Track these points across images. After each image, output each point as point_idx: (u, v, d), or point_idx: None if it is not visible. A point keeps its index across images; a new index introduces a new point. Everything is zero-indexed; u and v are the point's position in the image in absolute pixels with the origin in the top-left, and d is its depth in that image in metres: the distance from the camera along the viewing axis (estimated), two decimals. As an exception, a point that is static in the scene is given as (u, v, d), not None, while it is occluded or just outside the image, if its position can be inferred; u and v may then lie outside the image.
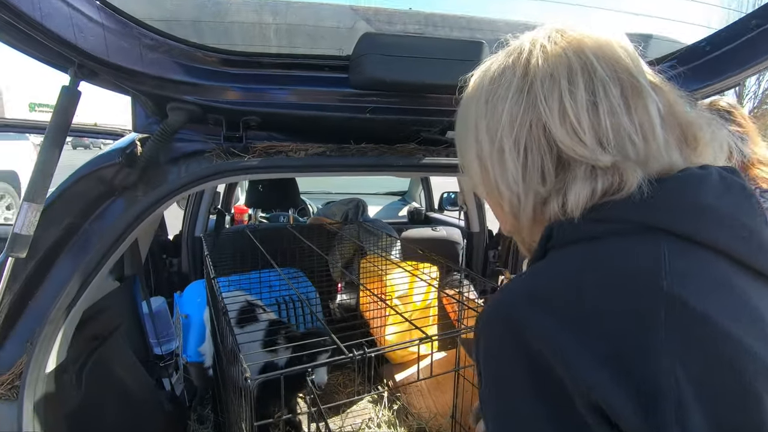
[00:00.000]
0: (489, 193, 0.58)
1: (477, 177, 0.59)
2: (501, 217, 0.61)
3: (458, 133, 0.63)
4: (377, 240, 2.34)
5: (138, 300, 1.50)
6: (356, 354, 0.82)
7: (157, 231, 2.47)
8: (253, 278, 1.96)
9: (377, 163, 0.91)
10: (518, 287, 0.53)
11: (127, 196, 0.87)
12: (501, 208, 0.58)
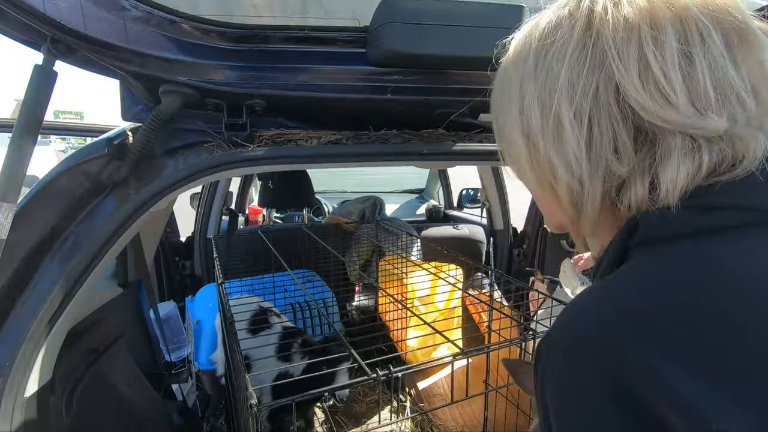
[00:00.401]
0: (539, 178, 0.47)
1: (523, 159, 0.48)
2: (551, 208, 0.50)
3: (497, 107, 0.51)
4: (396, 239, 2.21)
5: (144, 306, 1.41)
6: (380, 374, 0.70)
7: (169, 232, 2.40)
8: (266, 281, 1.86)
9: (401, 151, 0.78)
10: (600, 303, 0.39)
11: (117, 193, 0.77)
12: (554, 197, 0.47)
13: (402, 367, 0.71)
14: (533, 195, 0.54)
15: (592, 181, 0.43)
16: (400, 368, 0.71)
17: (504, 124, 0.49)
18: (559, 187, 0.46)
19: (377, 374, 0.70)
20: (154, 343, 1.53)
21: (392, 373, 0.70)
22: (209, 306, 1.89)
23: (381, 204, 2.49)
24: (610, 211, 0.45)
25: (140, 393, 1.16)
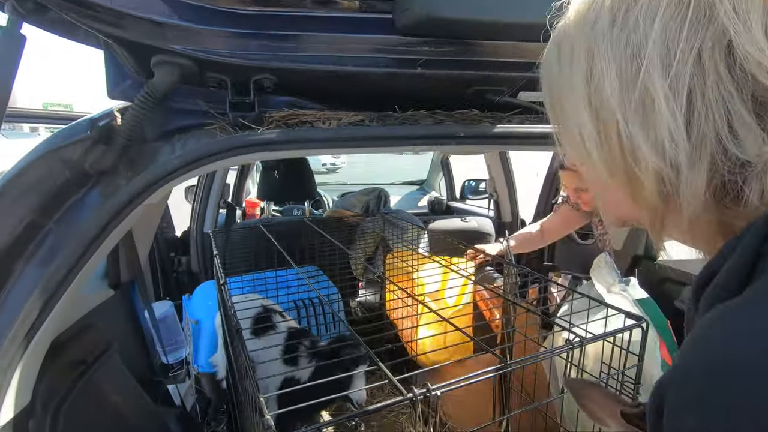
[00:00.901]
0: (610, 164, 0.39)
1: (588, 141, 0.39)
2: (618, 200, 0.42)
3: (552, 79, 0.43)
4: (402, 233, 2.11)
5: (138, 308, 1.30)
6: (417, 394, 0.60)
7: (163, 227, 2.28)
8: (269, 278, 1.75)
9: (436, 134, 0.67)
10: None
11: (104, 183, 0.65)
12: (629, 186, 0.39)
13: (440, 385, 0.61)
14: (593, 184, 0.46)
15: (694, 168, 0.34)
16: (438, 386, 0.61)
17: (563, 100, 0.41)
18: (644, 175, 0.37)
19: (414, 393, 0.60)
20: (150, 346, 1.42)
21: (430, 392, 0.60)
22: (208, 305, 1.78)
23: (386, 196, 2.39)
24: (713, 204, 0.36)
25: (136, 404, 1.05)
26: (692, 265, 1.31)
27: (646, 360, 0.85)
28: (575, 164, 0.48)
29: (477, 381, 0.65)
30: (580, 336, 0.76)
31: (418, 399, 0.59)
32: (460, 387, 0.63)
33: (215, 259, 1.27)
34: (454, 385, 0.63)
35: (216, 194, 2.26)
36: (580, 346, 0.75)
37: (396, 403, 0.59)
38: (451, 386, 0.63)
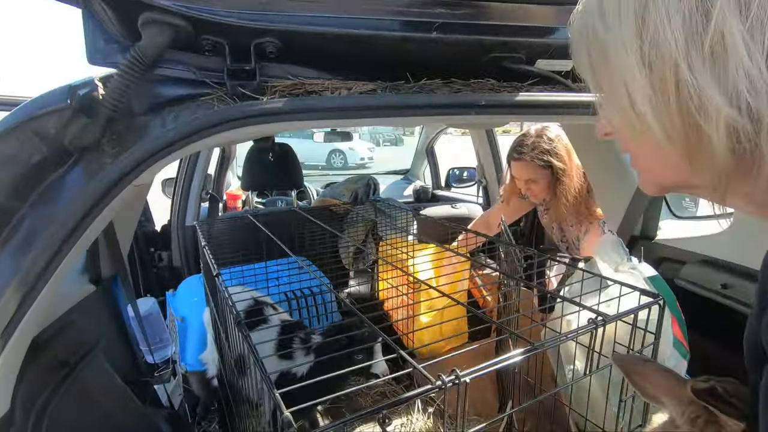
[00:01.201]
0: (667, 122, 0.35)
1: (640, 98, 0.36)
2: (672, 163, 0.38)
3: (593, 38, 0.40)
4: (393, 221, 2.06)
5: (121, 304, 1.22)
6: (446, 381, 0.55)
7: (142, 220, 2.16)
8: (258, 270, 1.68)
9: (455, 102, 0.62)
10: None
11: (87, 161, 0.58)
12: (692, 146, 0.35)
13: (469, 371, 0.57)
14: (637, 149, 0.43)
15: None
16: (467, 372, 0.57)
17: (608, 61, 0.38)
18: (714, 130, 0.33)
19: (443, 381, 0.55)
20: (134, 345, 1.33)
21: (460, 379, 0.56)
22: (194, 300, 1.69)
23: (375, 184, 2.33)
24: None
25: (124, 406, 0.98)
26: (691, 243, 1.31)
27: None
28: (613, 132, 0.45)
29: (501, 366, 0.61)
30: (603, 315, 0.73)
31: (447, 387, 0.55)
32: (485, 372, 0.59)
33: (205, 250, 1.19)
34: (483, 370, 0.59)
35: (197, 185, 2.16)
36: (603, 325, 0.72)
37: (426, 392, 0.54)
38: (479, 372, 0.59)
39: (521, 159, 1.72)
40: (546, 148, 1.67)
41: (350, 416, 0.50)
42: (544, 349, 0.65)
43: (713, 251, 1.21)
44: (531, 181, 1.76)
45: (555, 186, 1.71)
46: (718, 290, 1.12)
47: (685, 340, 0.98)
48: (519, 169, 1.76)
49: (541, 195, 1.80)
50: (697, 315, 1.14)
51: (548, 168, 1.68)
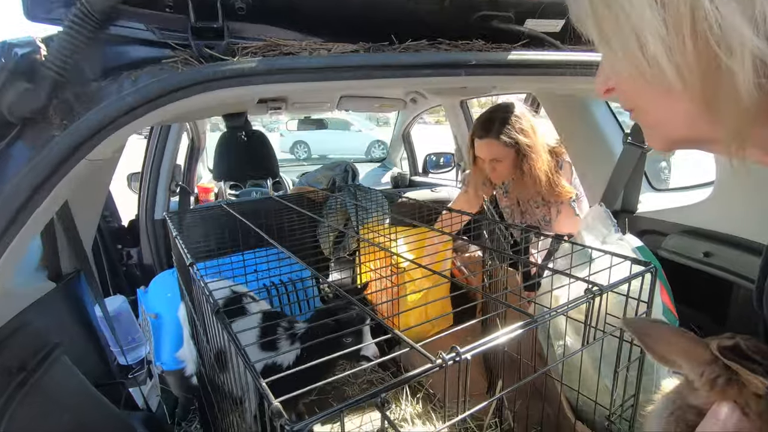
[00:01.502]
0: (685, 66, 0.33)
1: (655, 43, 0.33)
2: (682, 116, 0.36)
3: None
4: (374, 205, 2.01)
5: (87, 303, 1.13)
6: (446, 359, 0.52)
7: (106, 215, 2.04)
8: (235, 262, 1.60)
9: (444, 62, 0.57)
10: None
11: (31, 134, 0.50)
12: (711, 89, 0.33)
13: (468, 347, 0.53)
14: (647, 103, 0.40)
15: None
16: (467, 349, 0.53)
17: (613, 5, 0.34)
18: (739, 64, 0.30)
19: (443, 359, 0.51)
20: (104, 346, 1.25)
21: (460, 356, 0.52)
22: (168, 296, 1.61)
23: (353, 169, 2.27)
24: None
25: (96, 410, 0.90)
26: (672, 214, 1.32)
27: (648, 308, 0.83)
28: (616, 87, 0.41)
29: (501, 342, 0.57)
30: (598, 285, 0.71)
31: (448, 364, 0.51)
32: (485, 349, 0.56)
33: (177, 240, 1.12)
34: (482, 346, 0.55)
35: (166, 176, 2.05)
36: (599, 294, 0.70)
37: (427, 371, 0.50)
38: (479, 348, 0.55)
39: (486, 137, 1.65)
40: (512, 126, 1.61)
41: (350, 401, 0.45)
42: (543, 321, 0.62)
43: (694, 221, 1.22)
44: (496, 161, 1.69)
45: (521, 165, 1.65)
46: (701, 259, 1.14)
47: (673, 307, 0.98)
48: (484, 148, 1.69)
49: (506, 175, 1.74)
50: (681, 284, 1.15)
51: (514, 146, 1.62)
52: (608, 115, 1.49)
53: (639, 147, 1.33)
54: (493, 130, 1.63)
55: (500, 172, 1.71)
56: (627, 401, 0.88)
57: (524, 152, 1.61)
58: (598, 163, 1.49)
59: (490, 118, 1.66)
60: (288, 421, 0.42)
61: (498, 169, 1.70)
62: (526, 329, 0.60)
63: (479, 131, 1.68)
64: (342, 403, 0.47)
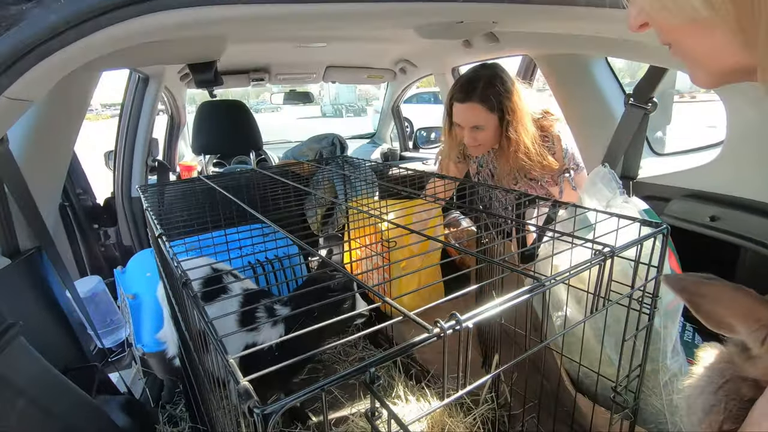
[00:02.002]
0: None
1: None
2: (723, 48, 0.33)
3: None
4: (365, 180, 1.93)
5: (52, 283, 1.04)
6: (445, 327, 0.44)
7: (79, 193, 1.92)
8: (217, 238, 1.52)
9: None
10: None
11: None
12: (752, 18, 0.30)
13: (469, 314, 0.46)
14: (686, 36, 0.36)
15: None
16: (468, 316, 0.46)
17: None
18: None
19: (441, 327, 0.44)
20: (77, 330, 1.16)
21: (461, 324, 0.45)
22: (147, 276, 1.52)
23: (341, 142, 2.17)
24: None
25: (62, 396, 0.83)
26: (675, 179, 1.26)
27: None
28: (648, 20, 0.36)
29: (509, 305, 0.51)
30: (610, 246, 0.64)
31: (447, 333, 0.44)
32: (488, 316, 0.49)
33: (147, 213, 1.03)
34: (483, 313, 0.48)
35: (141, 151, 1.93)
36: (612, 256, 0.63)
37: (424, 342, 0.43)
38: (480, 315, 0.48)
39: (468, 100, 1.46)
40: (498, 87, 1.43)
41: (332, 377, 0.38)
42: (552, 285, 0.55)
43: (699, 184, 1.16)
44: (477, 129, 1.50)
45: (506, 133, 1.47)
46: (707, 223, 1.08)
47: (679, 270, 0.92)
48: (464, 114, 1.49)
49: (487, 146, 1.57)
50: (685, 250, 1.09)
51: (499, 112, 1.45)
52: (609, 76, 1.41)
53: (641, 108, 1.26)
54: (476, 92, 1.44)
55: (481, 141, 1.53)
56: (633, 372, 0.83)
57: (509, 119, 1.44)
58: (597, 126, 1.42)
59: (472, 78, 1.47)
60: (257, 403, 0.35)
61: (479, 139, 1.53)
62: (533, 294, 0.53)
63: (459, 93, 1.49)
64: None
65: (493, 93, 1.44)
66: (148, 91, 1.87)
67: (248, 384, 0.37)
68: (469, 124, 1.51)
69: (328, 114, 21.22)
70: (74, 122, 1.04)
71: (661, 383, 0.86)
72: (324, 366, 1.68)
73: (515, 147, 1.46)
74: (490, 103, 1.44)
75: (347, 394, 1.46)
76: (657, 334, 0.87)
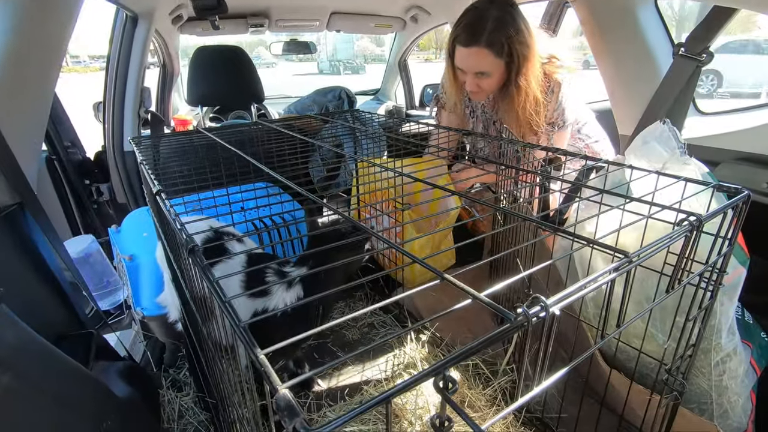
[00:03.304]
0: None
1: None
2: None
3: None
4: (376, 134, 1.79)
5: (38, 243, 0.93)
6: (530, 314, 0.35)
7: (67, 146, 1.78)
8: (218, 197, 1.40)
9: None
10: None
11: None
12: None
13: (558, 297, 0.37)
14: None
15: None
16: (556, 299, 0.36)
17: None
18: None
19: (525, 314, 0.34)
20: (70, 293, 1.07)
21: (548, 308, 0.35)
22: (143, 236, 1.42)
23: (349, 95, 2.00)
24: None
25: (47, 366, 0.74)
26: (725, 140, 1.14)
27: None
28: None
29: (597, 286, 0.41)
30: (696, 214, 0.54)
31: (532, 321, 0.34)
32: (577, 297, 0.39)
33: (142, 167, 0.91)
34: (574, 295, 0.39)
35: (132, 101, 1.77)
36: (698, 226, 0.53)
37: (506, 332, 0.33)
38: (568, 298, 0.38)
39: (474, 44, 1.27)
40: (508, 30, 1.25)
41: (406, 380, 0.29)
42: (640, 261, 0.45)
43: (754, 147, 1.05)
44: (482, 75, 1.33)
45: (515, 81, 1.30)
46: (764, 190, 0.98)
47: (746, 246, 0.83)
48: (469, 59, 1.31)
49: (490, 92, 1.41)
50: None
51: (507, 57, 1.28)
52: (657, 23, 1.25)
53: (694, 60, 1.12)
54: (483, 35, 1.25)
55: (485, 88, 1.37)
56: (687, 352, 0.75)
57: (521, 65, 1.27)
58: (639, 81, 1.28)
59: (479, 17, 1.26)
60: (305, 424, 0.25)
61: (482, 85, 1.35)
62: (620, 273, 0.43)
63: (465, 35, 1.29)
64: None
65: (503, 36, 1.25)
66: (137, 34, 1.69)
67: (289, 393, 0.27)
68: (474, 69, 1.33)
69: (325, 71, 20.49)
70: (54, 59, 0.89)
71: (711, 363, 0.79)
72: (332, 331, 1.62)
73: (524, 97, 1.30)
74: (499, 47, 1.26)
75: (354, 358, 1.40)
76: (713, 311, 0.79)
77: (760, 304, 0.93)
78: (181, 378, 1.40)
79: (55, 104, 1.76)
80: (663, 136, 0.85)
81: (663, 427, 0.80)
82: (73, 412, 0.75)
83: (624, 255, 0.45)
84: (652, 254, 0.47)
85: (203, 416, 1.20)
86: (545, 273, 1.10)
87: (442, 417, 0.32)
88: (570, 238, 0.51)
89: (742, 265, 0.80)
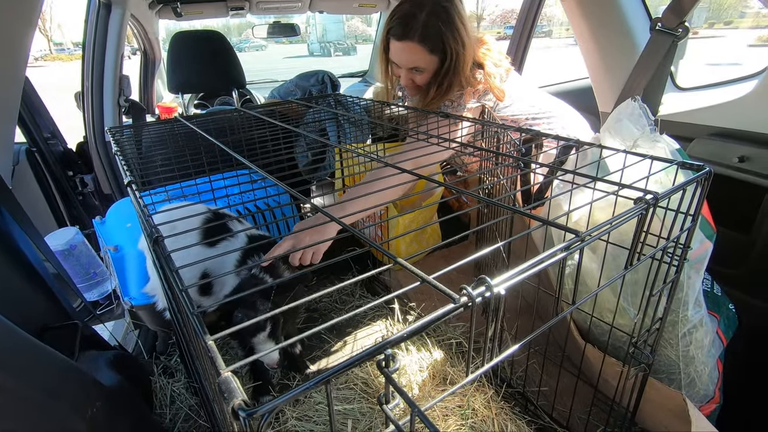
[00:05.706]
0: None
1: None
2: None
3: None
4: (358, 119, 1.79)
5: (17, 238, 0.94)
6: (474, 295, 0.36)
7: (47, 137, 1.77)
8: (201, 186, 1.40)
9: None
10: None
11: None
12: None
13: (503, 278, 0.38)
14: None
15: None
16: (499, 280, 0.38)
17: None
18: None
19: (468, 295, 0.36)
20: (54, 286, 1.08)
21: (492, 288, 0.37)
22: (127, 227, 1.43)
23: (332, 79, 1.98)
24: None
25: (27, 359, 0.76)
26: (700, 116, 1.15)
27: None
28: None
29: (544, 266, 0.42)
30: (653, 192, 0.55)
31: (476, 302, 0.36)
32: (533, 272, 0.41)
33: (117, 157, 0.90)
34: (519, 275, 0.40)
35: (111, 89, 1.74)
36: (654, 204, 0.54)
37: (450, 312, 0.35)
38: (514, 278, 0.40)
39: (406, 39, 1.21)
40: (440, 26, 1.18)
41: (347, 361, 0.30)
42: (593, 240, 0.46)
43: (727, 122, 1.06)
44: (416, 71, 1.27)
45: (440, 79, 1.25)
46: (734, 164, 0.99)
47: (712, 220, 0.85)
48: (401, 53, 1.25)
49: (421, 87, 1.35)
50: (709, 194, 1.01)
51: (441, 54, 1.22)
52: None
53: (670, 34, 1.12)
54: (415, 29, 1.19)
55: (420, 83, 1.31)
56: (653, 325, 0.78)
57: (450, 64, 1.21)
58: (617, 57, 1.28)
59: (412, 10, 1.19)
60: (244, 405, 0.27)
61: (417, 81, 1.30)
62: (570, 252, 0.45)
63: (397, 28, 1.22)
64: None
65: (436, 31, 1.19)
66: (111, 20, 1.66)
67: (231, 376, 0.29)
68: (408, 65, 1.27)
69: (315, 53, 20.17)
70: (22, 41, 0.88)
71: (678, 335, 0.81)
72: (320, 314, 1.64)
73: (443, 96, 1.26)
74: (432, 43, 1.20)
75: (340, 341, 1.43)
76: (680, 285, 0.81)
77: (731, 276, 0.96)
78: (172, 365, 1.42)
79: (32, 95, 1.74)
80: (634, 113, 0.86)
81: (633, 396, 0.83)
82: (57, 402, 0.76)
83: (575, 234, 0.46)
84: (603, 233, 0.48)
85: (194, 401, 1.23)
86: (523, 249, 1.11)
87: (386, 394, 0.33)
88: (530, 216, 0.52)
89: (709, 239, 0.81)
